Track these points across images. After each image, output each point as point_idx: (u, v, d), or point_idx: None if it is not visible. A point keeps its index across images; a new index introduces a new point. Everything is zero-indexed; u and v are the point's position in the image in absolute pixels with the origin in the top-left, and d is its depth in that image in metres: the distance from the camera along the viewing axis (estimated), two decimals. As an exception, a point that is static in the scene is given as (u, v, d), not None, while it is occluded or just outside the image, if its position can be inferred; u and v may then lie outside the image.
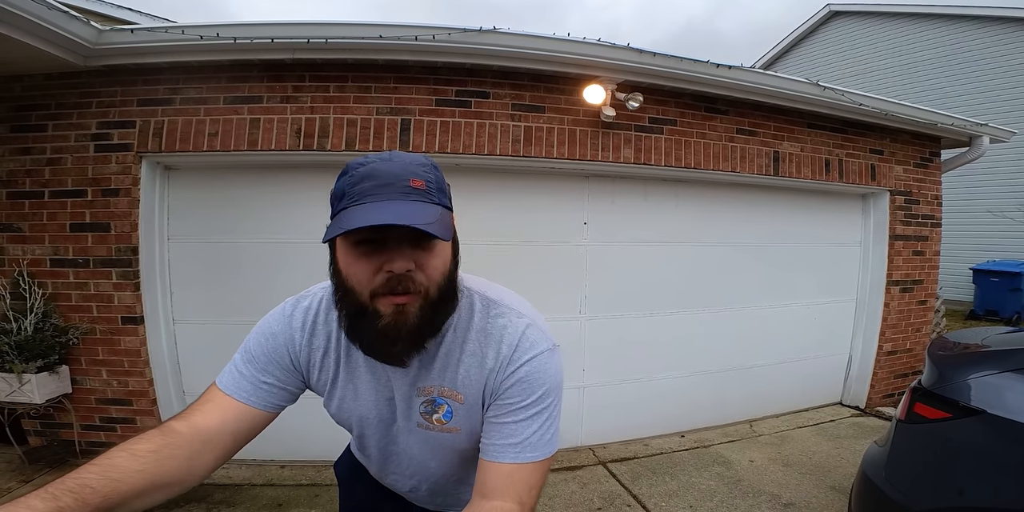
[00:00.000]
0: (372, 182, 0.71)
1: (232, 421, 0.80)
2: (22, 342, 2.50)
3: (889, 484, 1.76)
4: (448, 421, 0.86)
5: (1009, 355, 1.78)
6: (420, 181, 0.72)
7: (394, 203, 0.69)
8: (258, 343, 0.87)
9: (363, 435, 0.96)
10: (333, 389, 0.90)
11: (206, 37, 2.41)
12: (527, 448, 0.79)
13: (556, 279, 3.17)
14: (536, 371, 0.81)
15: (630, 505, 2.62)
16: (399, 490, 1.06)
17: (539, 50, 2.65)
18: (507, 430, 0.80)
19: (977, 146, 4.06)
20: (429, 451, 0.92)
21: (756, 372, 3.79)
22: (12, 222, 2.66)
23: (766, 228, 3.75)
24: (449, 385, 0.85)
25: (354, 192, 0.71)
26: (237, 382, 0.84)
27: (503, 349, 0.82)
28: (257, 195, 2.86)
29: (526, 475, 0.78)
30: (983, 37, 9.00)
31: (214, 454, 0.77)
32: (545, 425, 0.81)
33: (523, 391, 0.81)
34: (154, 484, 0.68)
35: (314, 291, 0.92)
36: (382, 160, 0.74)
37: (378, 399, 0.89)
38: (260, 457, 2.90)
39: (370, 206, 0.69)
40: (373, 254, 0.71)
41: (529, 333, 0.83)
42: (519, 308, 0.87)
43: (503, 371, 0.81)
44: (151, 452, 0.69)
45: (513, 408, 0.81)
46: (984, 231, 8.74)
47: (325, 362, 0.89)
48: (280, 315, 0.89)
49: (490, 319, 0.84)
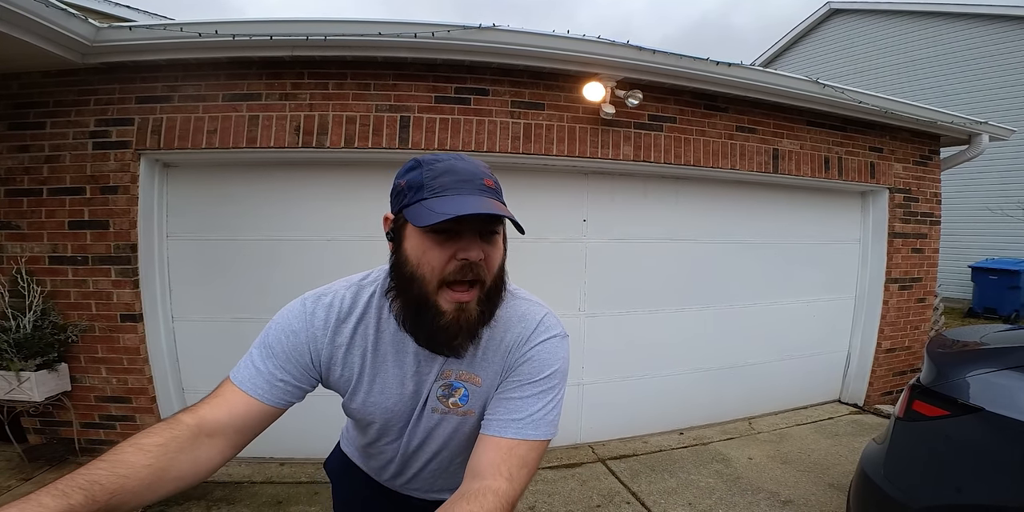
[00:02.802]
0: (453, 177, 0.77)
1: (240, 416, 0.81)
2: (21, 340, 2.50)
3: (888, 482, 1.77)
4: (464, 404, 0.90)
5: (1007, 353, 1.79)
6: (491, 181, 0.80)
7: (475, 198, 0.75)
8: (278, 340, 0.87)
9: (383, 429, 0.96)
10: (359, 385, 0.91)
11: (204, 35, 2.41)
12: (529, 425, 0.82)
13: (556, 276, 3.17)
14: (547, 352, 0.87)
15: (629, 502, 2.63)
16: (397, 481, 1.06)
17: (539, 47, 2.65)
18: (512, 405, 0.84)
19: (976, 144, 4.06)
20: (441, 436, 0.95)
21: (755, 369, 3.80)
22: (11, 220, 2.66)
23: (766, 226, 3.75)
24: (467, 369, 0.89)
25: (435, 185, 0.76)
26: (252, 378, 0.84)
27: (521, 331, 0.89)
28: (256, 192, 2.86)
29: (523, 452, 0.80)
30: (983, 35, 8.99)
31: (219, 448, 0.77)
32: (549, 405, 0.85)
33: (533, 369, 0.86)
34: (162, 478, 0.68)
35: (334, 288, 0.92)
36: (456, 159, 0.80)
37: (403, 391, 0.91)
38: (260, 455, 2.90)
39: (457, 198, 0.74)
40: (447, 242, 0.76)
41: (546, 319, 0.91)
42: (536, 299, 0.95)
43: (519, 349, 0.88)
44: (158, 446, 0.70)
45: (521, 384, 0.86)
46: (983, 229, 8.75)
47: (348, 359, 0.89)
48: (301, 312, 0.89)
49: (509, 307, 0.90)
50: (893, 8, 10.27)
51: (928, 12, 9.69)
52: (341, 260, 2.85)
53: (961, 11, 9.18)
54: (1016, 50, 8.57)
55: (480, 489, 0.74)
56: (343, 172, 2.89)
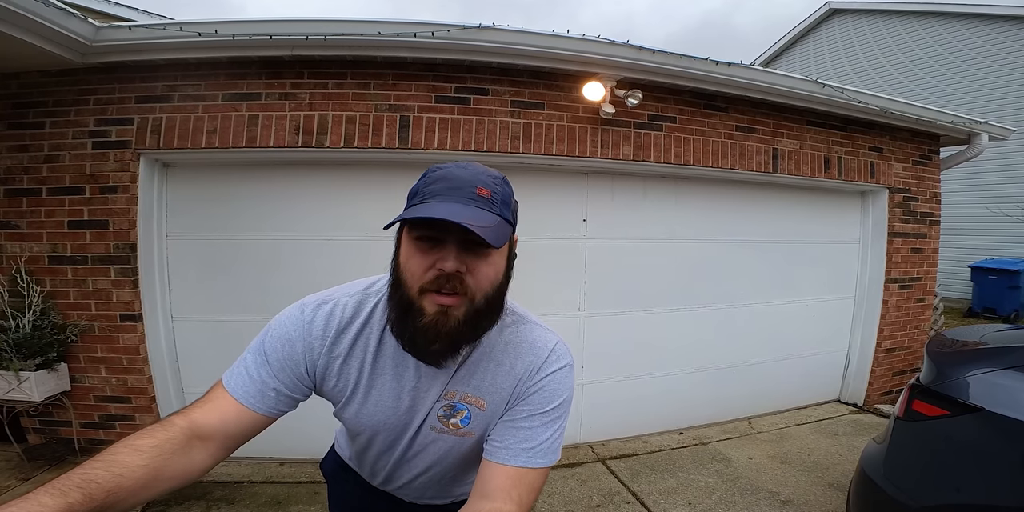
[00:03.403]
0: (443, 184, 0.76)
1: (232, 423, 0.80)
2: (20, 340, 2.50)
3: (887, 481, 1.77)
4: (464, 426, 0.89)
5: (1007, 352, 1.79)
6: (487, 190, 0.77)
7: (455, 205, 0.73)
8: (274, 348, 0.85)
9: (372, 440, 0.95)
10: (353, 396, 0.89)
11: (204, 34, 2.40)
12: (538, 454, 0.83)
13: (556, 276, 3.17)
14: (557, 382, 0.87)
15: (629, 502, 2.63)
16: (388, 487, 1.06)
17: (538, 47, 2.65)
18: (522, 434, 0.84)
19: (976, 144, 4.06)
20: (435, 453, 0.94)
21: (755, 369, 3.80)
22: (10, 219, 2.65)
23: (765, 225, 3.75)
24: (473, 392, 0.88)
25: (426, 191, 0.77)
26: (245, 386, 0.83)
27: (533, 360, 0.88)
28: (256, 192, 2.86)
29: (532, 479, 0.82)
30: (983, 35, 8.99)
31: (209, 452, 0.77)
32: (556, 433, 0.87)
33: (543, 399, 0.86)
34: (157, 478, 0.69)
35: (336, 296, 0.90)
36: (458, 167, 0.80)
37: (398, 405, 0.89)
38: (259, 454, 2.90)
39: (434, 205, 0.73)
40: (430, 251, 0.75)
41: (557, 348, 0.90)
42: (544, 325, 0.94)
43: (531, 379, 0.87)
44: (152, 447, 0.70)
45: (531, 414, 0.86)
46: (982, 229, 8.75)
47: (345, 369, 0.88)
48: (299, 320, 0.86)
49: (520, 333, 0.90)
50: (893, 8, 10.27)
51: (928, 12, 9.69)
52: (340, 260, 2.84)
53: (961, 11, 9.18)
54: (1016, 50, 8.57)
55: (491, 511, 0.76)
56: (343, 172, 2.89)
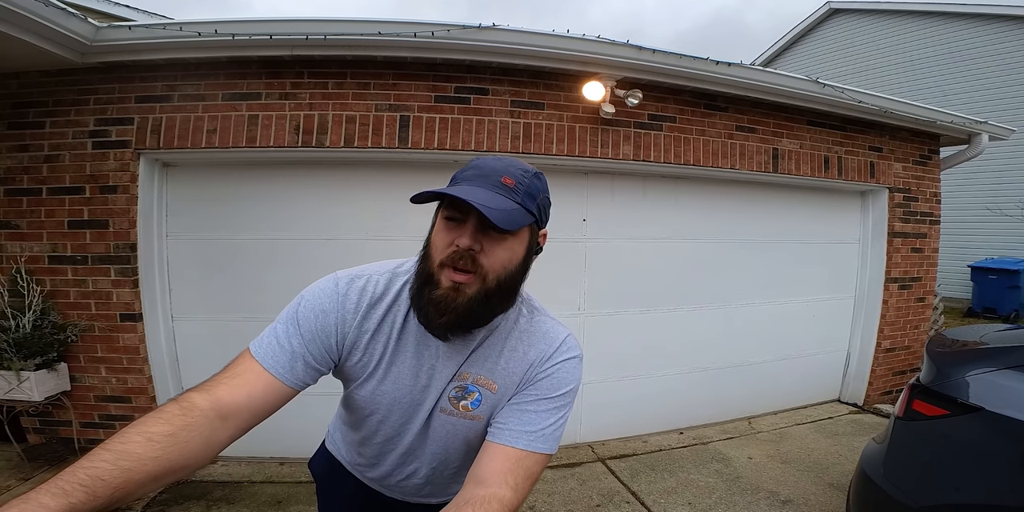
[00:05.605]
0: (474, 172, 0.82)
1: (259, 398, 0.78)
2: (20, 339, 2.50)
3: (887, 481, 1.77)
4: (474, 409, 0.90)
5: (1007, 352, 1.79)
6: (511, 180, 0.81)
7: (479, 189, 0.78)
8: (307, 318, 0.85)
9: (383, 422, 0.96)
10: (375, 372, 0.91)
11: (204, 34, 2.40)
12: (540, 438, 0.84)
13: (556, 276, 3.17)
14: (566, 371, 0.90)
15: (629, 502, 2.63)
16: (387, 480, 1.05)
17: (538, 47, 2.65)
18: (527, 418, 0.86)
19: (976, 144, 4.06)
20: (443, 438, 0.94)
21: (755, 369, 3.80)
22: (10, 219, 2.65)
23: (766, 225, 3.75)
24: (487, 374, 0.90)
25: (460, 177, 0.83)
26: (275, 355, 0.82)
27: (545, 348, 0.91)
28: (256, 192, 2.86)
29: (530, 464, 0.82)
30: (983, 35, 8.98)
31: (230, 432, 0.75)
32: (559, 421, 0.88)
33: (551, 385, 0.89)
34: (169, 470, 0.66)
35: (368, 272, 0.92)
36: (495, 159, 0.85)
37: (415, 383, 0.91)
38: (259, 454, 2.90)
39: (459, 187, 0.79)
40: (454, 229, 0.80)
41: (568, 340, 0.94)
42: (557, 320, 0.98)
43: (542, 365, 0.90)
44: (168, 436, 0.66)
45: (538, 398, 0.88)
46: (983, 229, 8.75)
47: (372, 345, 0.89)
48: (334, 292, 0.88)
49: (534, 323, 0.94)
50: (893, 8, 10.27)
51: (928, 12, 9.69)
52: (340, 259, 2.81)
53: (961, 11, 9.17)
54: (1016, 50, 8.56)
55: (485, 496, 0.74)
56: (343, 172, 2.89)
